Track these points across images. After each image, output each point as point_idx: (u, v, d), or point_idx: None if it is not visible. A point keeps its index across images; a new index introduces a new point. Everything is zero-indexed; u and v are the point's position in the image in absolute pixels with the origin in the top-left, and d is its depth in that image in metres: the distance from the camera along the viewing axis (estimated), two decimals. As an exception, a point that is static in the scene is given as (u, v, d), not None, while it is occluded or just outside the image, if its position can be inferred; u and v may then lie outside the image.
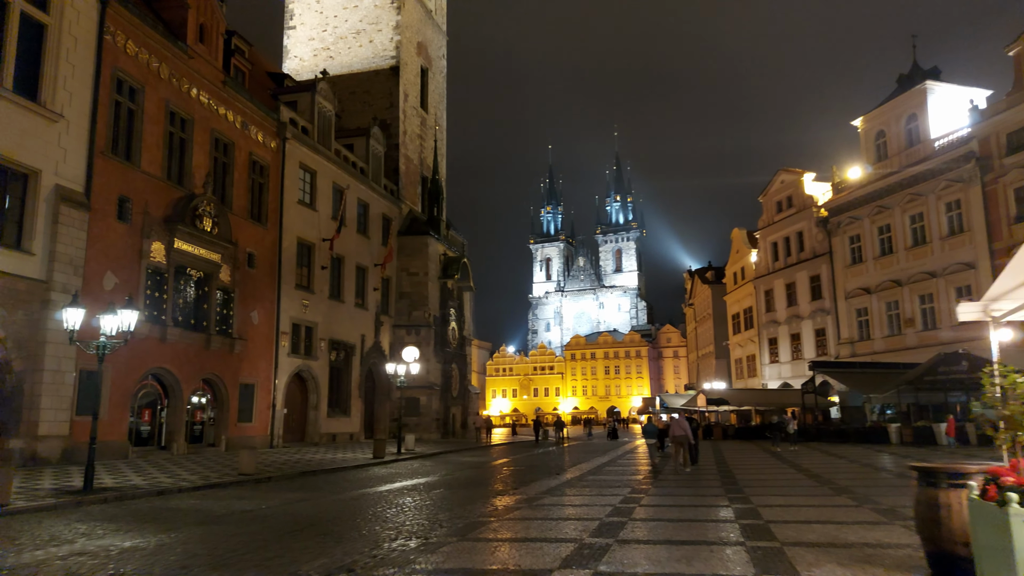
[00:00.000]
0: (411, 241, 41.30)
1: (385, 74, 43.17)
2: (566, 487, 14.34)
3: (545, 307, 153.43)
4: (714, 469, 17.98)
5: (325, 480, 17.14)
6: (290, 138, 30.79)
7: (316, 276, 32.33)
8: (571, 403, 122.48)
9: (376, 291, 37.91)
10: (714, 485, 13.89)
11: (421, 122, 45.77)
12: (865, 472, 16.70)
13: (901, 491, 11.92)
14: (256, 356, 27.90)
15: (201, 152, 25.50)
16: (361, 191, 36.97)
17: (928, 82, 35.37)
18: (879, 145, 38.06)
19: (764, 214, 47.71)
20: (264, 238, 28.89)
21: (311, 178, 32.67)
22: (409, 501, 12.46)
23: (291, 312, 30.28)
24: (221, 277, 25.86)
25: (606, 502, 11.38)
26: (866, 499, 10.96)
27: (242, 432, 26.82)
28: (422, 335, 40.21)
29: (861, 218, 38.51)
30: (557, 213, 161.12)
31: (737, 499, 11.35)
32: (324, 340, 32.65)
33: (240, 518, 10.57)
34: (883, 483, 13.74)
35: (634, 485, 14.12)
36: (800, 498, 11.68)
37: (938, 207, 33.98)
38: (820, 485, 13.39)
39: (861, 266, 38.55)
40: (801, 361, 42.29)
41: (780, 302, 45.65)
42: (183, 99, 24.74)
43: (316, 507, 11.91)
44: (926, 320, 34.61)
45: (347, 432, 34.13)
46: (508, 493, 13.46)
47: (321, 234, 32.75)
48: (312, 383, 31.83)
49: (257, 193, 28.97)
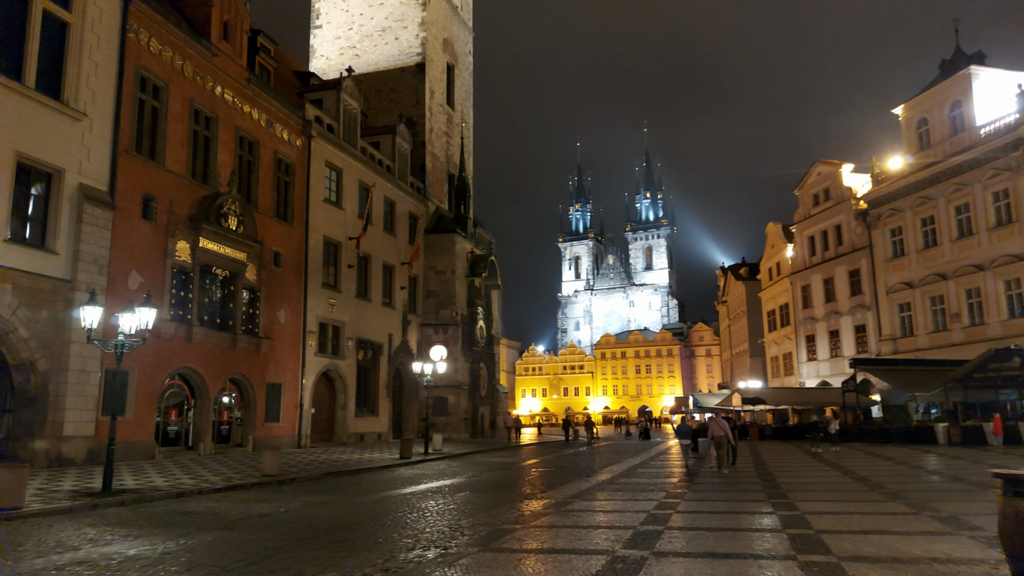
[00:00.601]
0: (438, 239, 40.89)
1: (411, 71, 42.82)
2: (597, 491, 13.67)
3: (574, 306, 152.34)
4: (753, 471, 17.15)
5: (349, 482, 16.71)
6: (315, 136, 30.54)
7: (343, 275, 32.05)
8: (602, 403, 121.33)
9: (403, 290, 37.56)
10: (755, 489, 13.11)
11: (447, 119, 45.35)
12: (916, 475, 15.74)
13: (961, 497, 11.05)
14: (283, 356, 27.68)
15: (226, 150, 25.32)
16: (387, 189, 36.65)
17: (973, 67, 33.85)
18: (921, 134, 36.58)
19: (800, 207, 46.34)
20: (290, 237, 28.67)
21: (337, 176, 32.40)
22: (432, 505, 11.93)
23: (318, 311, 30.03)
24: (247, 276, 25.66)
25: (640, 508, 10.71)
26: (923, 506, 10.12)
27: (269, 432, 26.61)
28: (450, 334, 39.79)
29: (903, 210, 37.07)
30: (586, 211, 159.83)
31: (781, 505, 10.59)
32: (351, 339, 32.37)
33: (255, 523, 10.13)
34: (938, 488, 12.82)
35: (669, 489, 13.40)
36: (850, 504, 10.86)
37: (985, 197, 32.50)
38: (869, 489, 12.53)
39: (903, 260, 37.11)
40: (840, 359, 40.94)
41: (817, 298, 44.28)
42: (207, 97, 24.58)
43: (335, 511, 11.44)
44: (973, 315, 33.12)
45: (375, 432, 33.83)
46: (536, 497, 12.85)
47: (347, 233, 32.47)
48: (340, 383, 31.56)
49: (283, 191, 28.75)
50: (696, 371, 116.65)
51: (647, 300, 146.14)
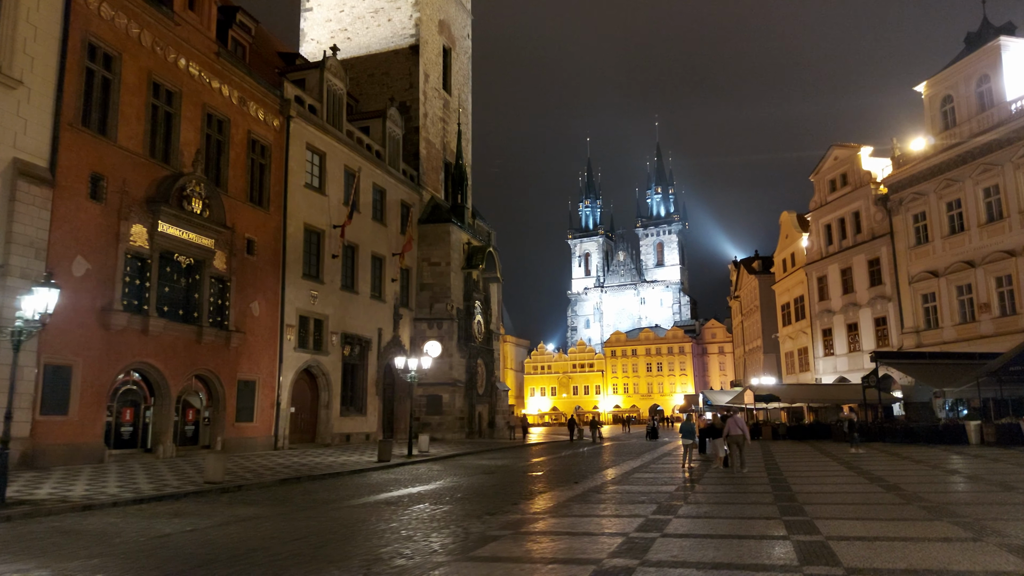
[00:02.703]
0: (432, 229, 38.89)
1: (404, 53, 40.85)
2: (578, 503, 11.61)
3: (584, 303, 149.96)
4: (764, 477, 14.99)
5: (304, 490, 14.73)
6: (295, 116, 28.60)
7: (326, 265, 30.11)
8: (612, 401, 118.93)
9: (394, 282, 35.57)
10: (764, 501, 10.98)
11: (444, 104, 43.34)
12: (956, 482, 13.53)
13: (1021, 513, 8.88)
14: (258, 351, 25.77)
15: (191, 128, 23.41)
16: (377, 176, 34.66)
17: (1002, 38, 31.34)
18: (945, 112, 34.11)
19: (816, 194, 43.89)
20: (266, 223, 26.74)
21: (320, 160, 30.45)
22: (385, 520, 9.91)
23: (298, 303, 28.10)
24: (215, 264, 23.75)
25: (619, 528, 8.64)
26: (982, 527, 7.96)
27: (241, 433, 24.70)
28: (444, 329, 37.78)
29: (926, 194, 34.62)
30: (596, 207, 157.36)
31: (797, 525, 8.48)
32: (336, 334, 30.41)
33: (144, 546, 8.17)
34: (989, 500, 10.61)
35: (662, 501, 11.29)
36: (884, 524, 8.71)
37: (1016, 177, 30.03)
38: (905, 502, 10.37)
39: (927, 247, 34.65)
40: (859, 353, 38.55)
41: (835, 289, 41.83)
42: (169, 70, 22.67)
43: (257, 529, 9.45)
44: (1004, 305, 30.65)
45: (363, 432, 31.87)
46: (503, 511, 10.79)
47: (332, 220, 30.53)
48: (323, 380, 29.62)
49: (257, 175, 26.82)
50: (709, 369, 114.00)
51: (658, 297, 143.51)
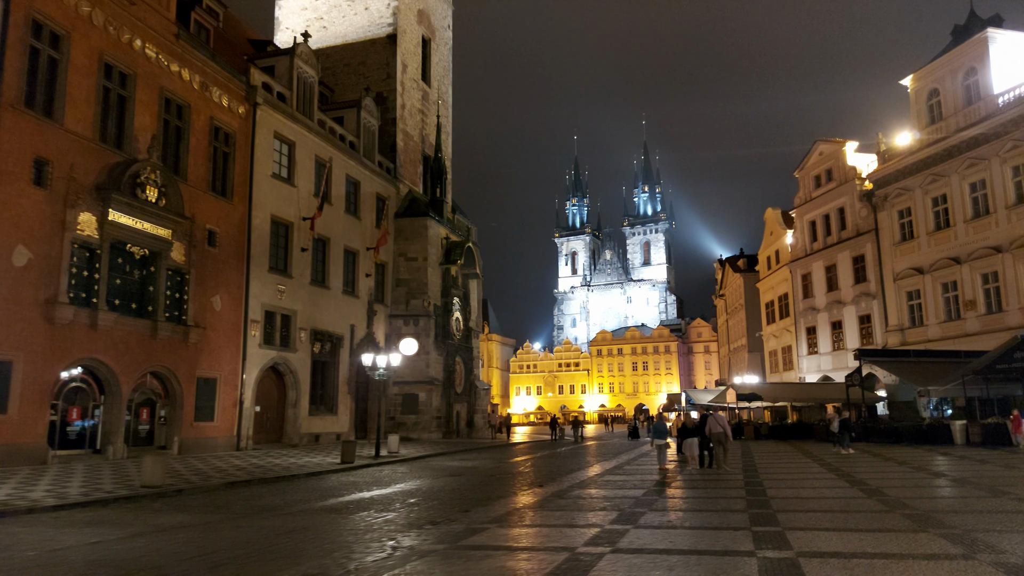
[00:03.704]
0: (409, 223, 37.85)
1: (382, 43, 39.77)
2: (536, 509, 10.71)
3: (571, 302, 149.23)
4: (739, 481, 14.14)
5: (251, 494, 13.73)
6: (262, 104, 27.50)
7: (295, 259, 29.03)
8: (598, 400, 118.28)
9: (369, 277, 34.53)
10: (735, 508, 10.11)
11: (423, 96, 42.30)
12: (942, 487, 12.73)
13: (1018, 520, 8.05)
14: (219, 347, 24.68)
15: (146, 113, 22.28)
16: (350, 167, 33.59)
17: (990, 30, 30.72)
18: (932, 105, 33.47)
19: (801, 190, 43.23)
20: (229, 214, 25.64)
21: (289, 150, 29.36)
22: (315, 531, 8.94)
23: (263, 298, 27.01)
24: (172, 256, 22.64)
25: (567, 542, 7.73)
26: (973, 540, 7.10)
27: (201, 433, 23.61)
28: (421, 326, 36.78)
29: (912, 189, 33.99)
30: (583, 205, 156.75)
31: (767, 537, 7.60)
32: (305, 330, 29.35)
33: (28, 562, 7.21)
34: (981, 507, 9.79)
35: (625, 508, 10.40)
36: (864, 536, 7.85)
37: (1003, 172, 29.41)
38: (888, 510, 9.52)
39: (912, 243, 34.02)
40: (843, 352, 37.90)
41: (819, 287, 41.19)
42: (123, 51, 21.54)
43: (171, 542, 8.47)
44: (990, 302, 30.04)
45: (333, 432, 30.82)
46: (451, 519, 9.86)
47: (301, 212, 29.45)
48: (290, 378, 28.55)
49: (220, 163, 25.71)
50: (694, 368, 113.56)
51: (645, 296, 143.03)
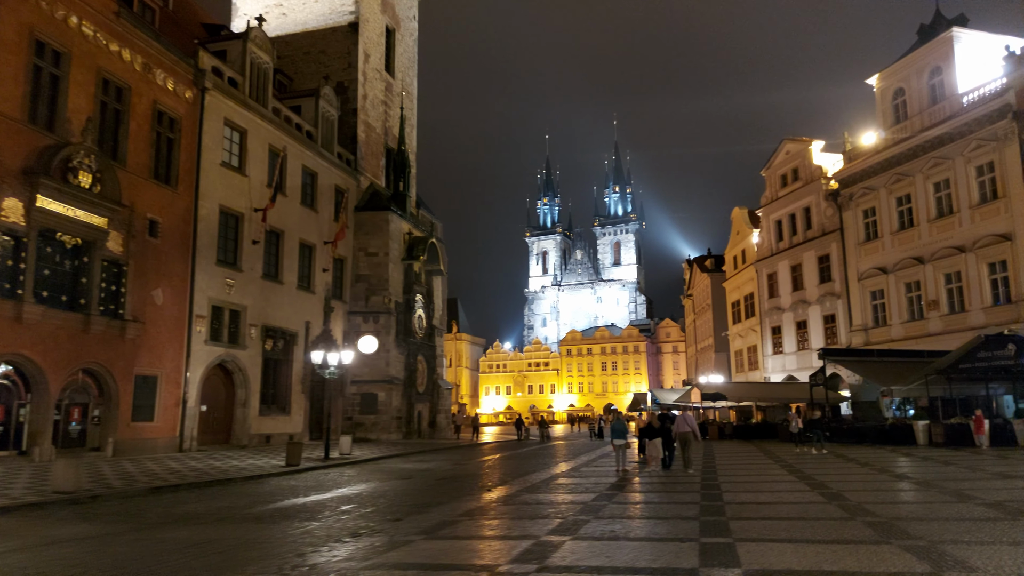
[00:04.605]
0: (370, 217, 36.77)
1: (343, 31, 38.62)
2: (474, 516, 9.89)
3: (541, 302, 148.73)
4: (697, 484, 13.47)
5: (175, 500, 12.70)
6: (211, 89, 26.29)
7: (245, 252, 27.84)
8: (567, 400, 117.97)
9: (326, 272, 33.39)
10: (688, 515, 9.39)
11: (386, 87, 41.22)
12: (905, 490, 12.17)
13: (986, 529, 7.42)
14: (160, 343, 23.43)
15: (82, 94, 21.01)
16: (307, 158, 32.44)
17: (955, 29, 30.66)
18: (897, 105, 33.36)
19: (767, 189, 43.02)
20: (173, 203, 24.40)
21: (240, 138, 28.16)
22: (219, 545, 7.99)
23: (210, 292, 25.79)
24: (109, 246, 21.38)
25: (493, 559, 6.91)
26: (940, 555, 6.42)
27: (138, 434, 22.35)
28: (381, 323, 35.73)
29: (877, 189, 33.85)
30: (554, 205, 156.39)
31: (716, 551, 6.87)
32: (255, 326, 28.15)
33: None
34: (946, 514, 9.18)
35: (570, 515, 9.62)
36: (821, 549, 7.15)
37: (967, 171, 29.33)
38: (849, 517, 8.86)
39: (876, 243, 33.89)
40: (807, 352, 37.71)
41: (784, 286, 40.99)
42: (56, 27, 20.25)
43: (54, 558, 7.47)
44: (952, 302, 29.96)
45: (286, 433, 29.63)
46: (378, 531, 8.99)
47: (253, 203, 28.27)
48: (239, 376, 27.35)
49: (165, 150, 24.47)
50: (663, 368, 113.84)
51: (615, 296, 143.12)
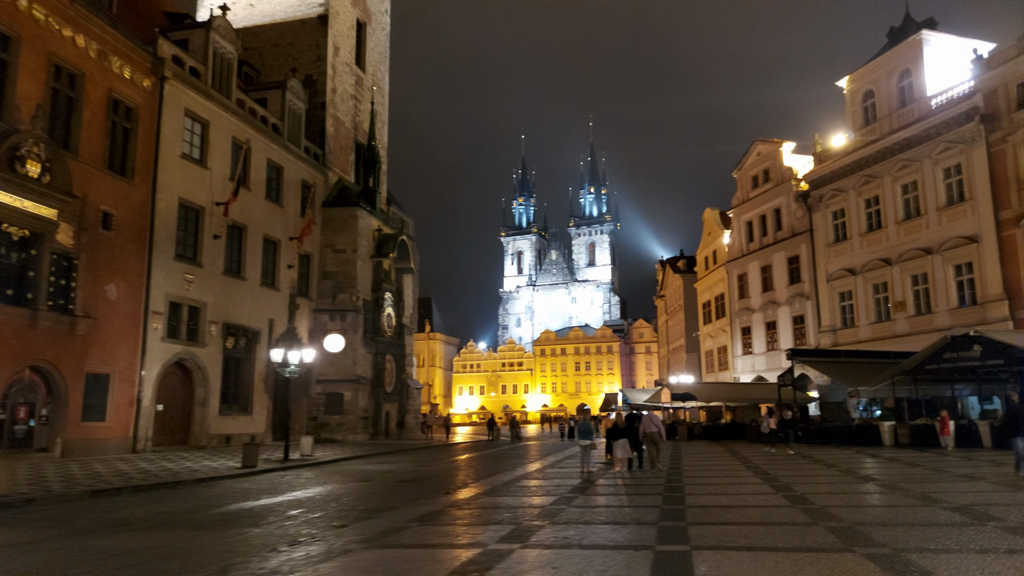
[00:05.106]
0: (338, 213, 36.06)
1: (312, 24, 37.85)
2: (425, 522, 9.44)
3: (516, 302, 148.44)
4: (660, 485, 13.16)
5: (115, 505, 12.07)
6: (171, 78, 25.46)
7: (206, 247, 27.03)
8: (541, 400, 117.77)
9: (291, 269, 32.64)
10: (647, 520, 9.04)
11: (356, 82, 40.51)
12: (870, 493, 11.97)
13: (952, 535, 7.15)
14: (113, 340, 22.59)
15: (31, 80, 20.14)
16: (273, 151, 31.67)
17: (924, 32, 30.87)
18: (867, 107, 33.54)
19: (738, 190, 43.11)
20: (129, 196, 23.55)
21: (202, 130, 27.33)
22: (151, 555, 7.45)
23: (168, 288, 24.97)
24: (59, 239, 20.54)
25: (431, 570, 6.47)
26: (905, 564, 6.10)
27: (89, 434, 21.51)
28: (349, 321, 35.05)
29: (846, 190, 34.00)
30: (530, 205, 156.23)
31: (670, 561, 6.52)
32: (216, 324, 27.36)
33: None
34: (912, 519, 8.93)
35: (525, 521, 9.23)
36: (780, 558, 6.82)
37: (935, 174, 29.54)
38: (812, 522, 8.57)
39: (845, 244, 34.05)
40: (777, 352, 37.80)
41: (755, 287, 41.09)
42: (4, 10, 19.38)
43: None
44: (919, 304, 30.16)
45: (247, 433, 28.83)
46: (317, 539, 8.51)
47: (215, 197, 27.47)
48: (198, 374, 26.54)
49: (121, 140, 23.62)
50: (636, 368, 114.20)
51: (589, 296, 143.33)
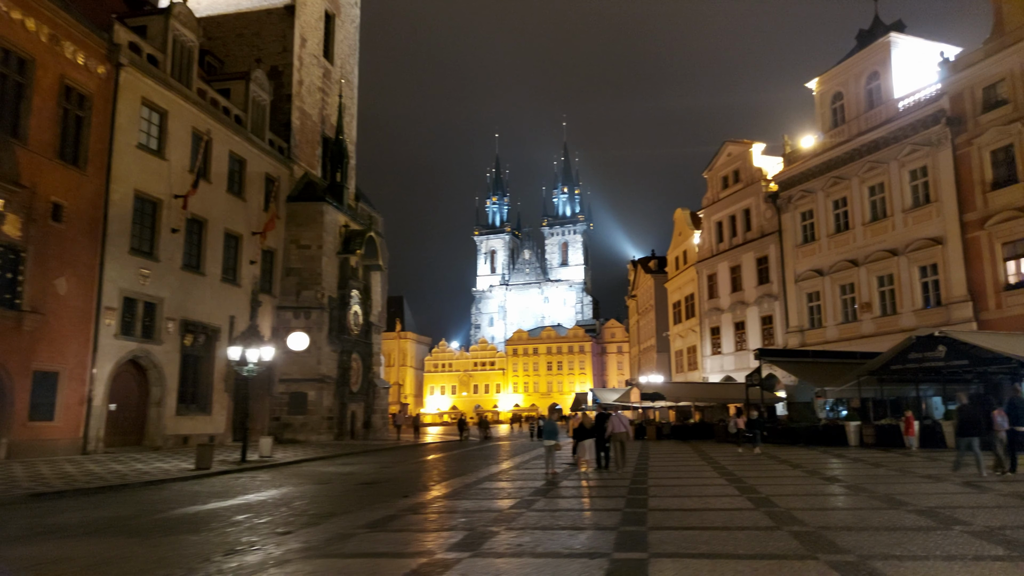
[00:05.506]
0: (303, 208, 35.28)
1: (279, 14, 37.00)
2: (375, 529, 8.99)
3: (489, 301, 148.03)
4: (624, 486, 12.85)
5: (52, 509, 11.41)
6: (127, 65, 24.57)
7: (163, 241, 26.17)
8: (512, 400, 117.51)
9: (254, 264, 31.83)
10: (606, 524, 8.69)
11: (324, 74, 39.73)
12: (835, 495, 11.77)
13: (918, 540, 6.90)
14: (63, 336, 21.70)
15: (-26, 63, 19.23)
16: (235, 143, 30.83)
17: (892, 35, 31.09)
18: (836, 109, 33.73)
19: (709, 191, 43.18)
20: (81, 186, 22.65)
21: (160, 120, 26.47)
22: (62, 567, 6.88)
23: (122, 283, 24.09)
24: (5, 230, 19.67)
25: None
26: (870, 571, 5.82)
27: (36, 434, 20.61)
28: (313, 319, 34.31)
29: (814, 191, 34.16)
30: (503, 204, 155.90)
31: (625, 570, 6.14)
32: (173, 320, 26.50)
33: None
34: (877, 522, 8.68)
35: (481, 526, 8.82)
36: (740, 566, 6.50)
37: (901, 176, 29.76)
38: (775, 526, 8.29)
39: (813, 245, 34.20)
40: (745, 352, 37.88)
41: (724, 287, 41.17)
42: (-56, -12, 18.46)
43: None
44: (885, 305, 30.38)
45: (206, 433, 27.98)
46: (260, 547, 8.01)
47: (173, 189, 26.61)
48: (154, 373, 25.68)
49: (73, 128, 22.71)
50: (607, 368, 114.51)
51: (562, 296, 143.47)
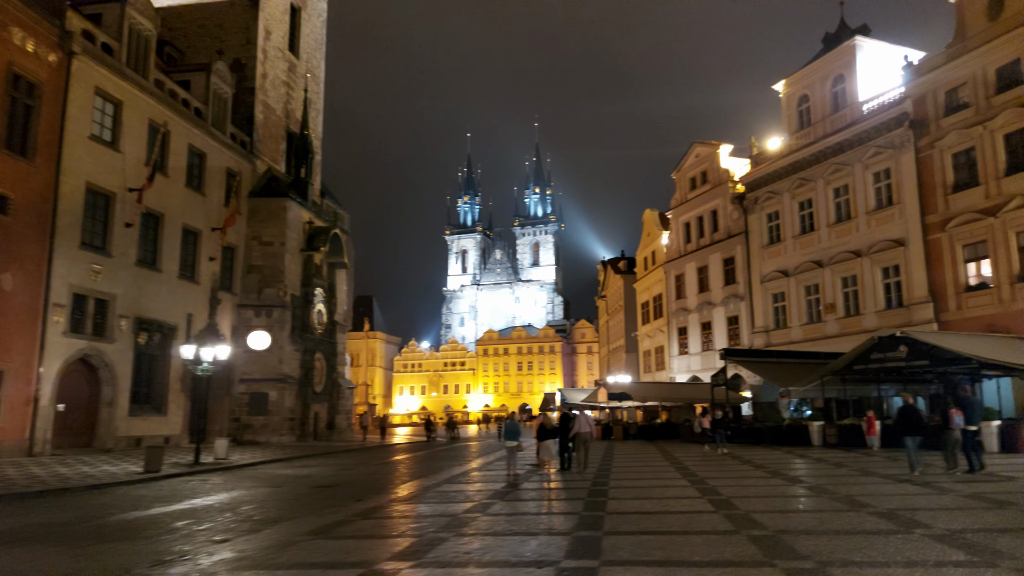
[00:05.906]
0: (266, 204, 34.49)
1: (242, 5, 36.15)
2: (318, 534, 8.55)
3: (460, 301, 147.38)
4: (585, 488, 12.57)
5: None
6: (79, 53, 23.67)
7: (116, 235, 25.28)
8: (483, 400, 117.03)
9: (213, 261, 30.98)
10: (561, 529, 8.38)
11: (289, 68, 38.94)
12: (797, 496, 11.62)
13: (878, 545, 6.70)
14: (8, 334, 20.80)
15: (-89, 46, 18.29)
16: (195, 136, 29.98)
17: (858, 38, 31.35)
18: (802, 111, 33.95)
19: (677, 192, 43.26)
20: (29, 178, 21.74)
21: (114, 111, 25.58)
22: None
23: (72, 279, 23.18)
24: (-58, 222, 18.73)
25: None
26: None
27: (-24, 436, 19.71)
28: (275, 317, 33.54)
29: (780, 193, 34.36)
30: (475, 204, 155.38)
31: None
32: (127, 318, 25.62)
33: None
34: (838, 525, 8.49)
35: (431, 532, 8.45)
36: (696, 574, 6.24)
37: (865, 178, 30.02)
38: (734, 530, 8.05)
39: (779, 246, 34.39)
40: (712, 352, 37.97)
41: (691, 288, 41.26)
42: None
43: None
44: (848, 305, 30.63)
45: (161, 435, 27.13)
46: (192, 557, 7.55)
47: (128, 183, 25.73)
48: (105, 372, 24.78)
49: (21, 117, 21.80)
50: (577, 368, 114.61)
51: (533, 296, 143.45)
